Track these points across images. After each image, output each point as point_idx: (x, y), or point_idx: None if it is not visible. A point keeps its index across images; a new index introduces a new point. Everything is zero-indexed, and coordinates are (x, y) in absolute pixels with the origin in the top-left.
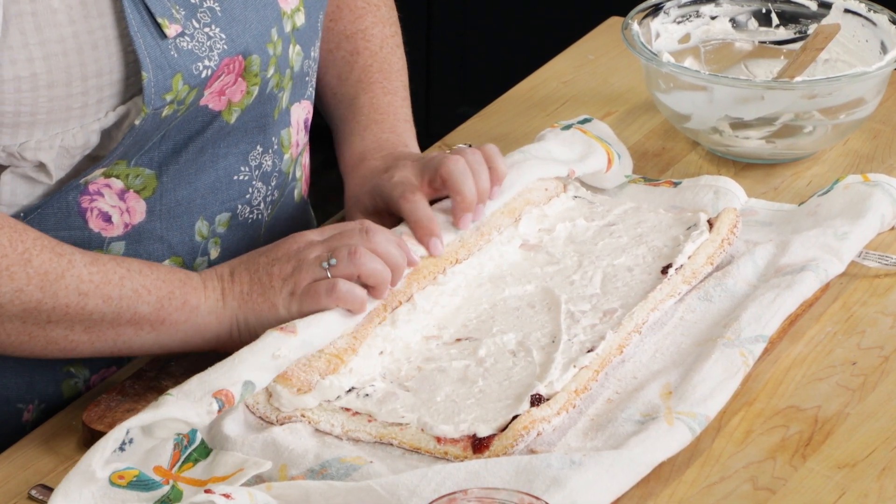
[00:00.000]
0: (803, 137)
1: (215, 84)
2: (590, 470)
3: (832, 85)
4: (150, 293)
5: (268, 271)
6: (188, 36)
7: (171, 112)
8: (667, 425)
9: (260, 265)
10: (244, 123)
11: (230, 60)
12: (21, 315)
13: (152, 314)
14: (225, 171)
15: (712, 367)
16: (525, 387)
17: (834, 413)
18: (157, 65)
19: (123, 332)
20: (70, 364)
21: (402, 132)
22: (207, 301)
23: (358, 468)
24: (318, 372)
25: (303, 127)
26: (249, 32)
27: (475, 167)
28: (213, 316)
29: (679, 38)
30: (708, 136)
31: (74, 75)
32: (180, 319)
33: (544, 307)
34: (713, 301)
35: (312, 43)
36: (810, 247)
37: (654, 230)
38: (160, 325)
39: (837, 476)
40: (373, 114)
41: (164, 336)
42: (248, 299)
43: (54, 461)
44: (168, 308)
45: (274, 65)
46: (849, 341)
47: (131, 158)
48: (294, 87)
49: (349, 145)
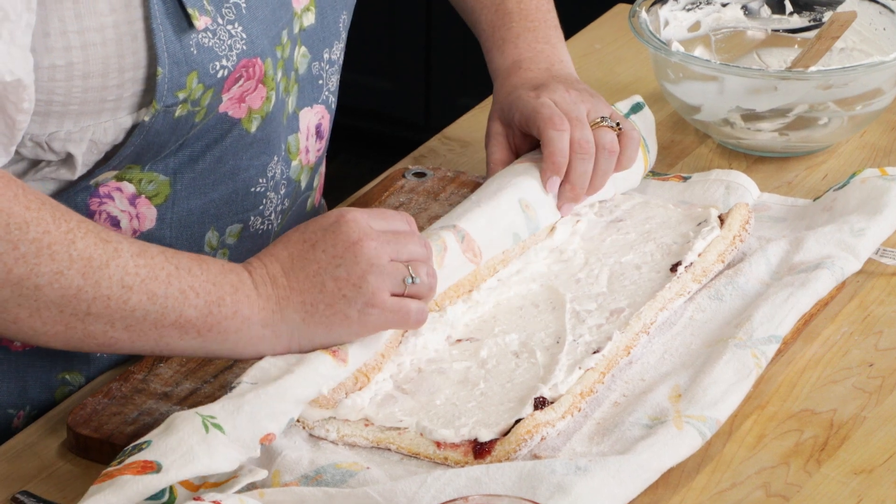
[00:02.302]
0: (818, 130)
1: (234, 89)
2: (596, 476)
3: (848, 75)
4: (199, 296)
5: (333, 275)
6: (211, 32)
7: (184, 113)
8: (676, 429)
9: (320, 266)
10: (267, 134)
11: (248, 62)
12: (59, 302)
13: (199, 320)
14: (244, 183)
15: (723, 368)
16: (528, 389)
17: (850, 417)
18: (175, 60)
19: (167, 333)
20: (66, 371)
21: (555, 42)
22: (262, 312)
23: (354, 474)
24: (346, 390)
25: (314, 133)
26: (266, 34)
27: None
28: (269, 329)
29: (689, 27)
30: (719, 128)
31: (112, 67)
32: (231, 329)
33: (548, 306)
34: (724, 300)
35: (327, 45)
36: (825, 243)
37: (662, 226)
38: (207, 333)
39: (854, 482)
40: (524, 21)
41: (210, 343)
42: (312, 311)
43: (38, 466)
44: (217, 315)
45: (281, 68)
46: (865, 342)
47: (146, 163)
48: (302, 91)
49: (502, 53)
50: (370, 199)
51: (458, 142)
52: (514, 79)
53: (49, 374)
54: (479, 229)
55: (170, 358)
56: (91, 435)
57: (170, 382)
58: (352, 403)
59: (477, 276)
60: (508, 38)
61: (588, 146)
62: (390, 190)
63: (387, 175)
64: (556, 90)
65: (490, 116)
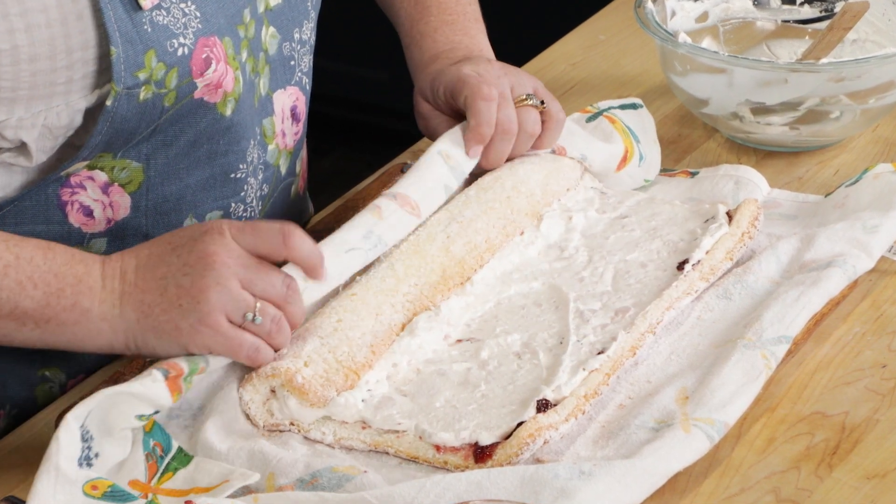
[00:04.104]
0: (830, 123)
1: (209, 74)
2: (600, 481)
3: (861, 67)
4: (37, 287)
5: (177, 282)
6: (164, 10)
7: (150, 96)
8: (683, 433)
9: (169, 270)
10: (246, 118)
11: (206, 41)
12: None
13: (37, 311)
14: (221, 168)
15: (732, 370)
16: (531, 391)
17: (863, 419)
18: (128, 39)
19: (4, 325)
20: (45, 368)
21: (474, 34)
22: (102, 306)
23: (351, 478)
24: (336, 387)
25: (289, 115)
26: (223, 12)
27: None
28: (105, 323)
29: (696, 17)
30: (727, 122)
31: (58, 48)
32: (68, 320)
33: (551, 306)
34: (733, 299)
35: (297, 24)
36: (837, 241)
37: (669, 223)
38: (45, 324)
39: (866, 487)
40: (442, 14)
41: (48, 335)
42: (148, 313)
43: (24, 471)
44: (55, 307)
45: (246, 48)
46: (878, 342)
47: (117, 150)
48: (274, 72)
49: (420, 47)
50: (367, 196)
51: None
52: (434, 67)
53: (28, 370)
54: (407, 185)
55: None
56: None
57: None
58: (344, 402)
59: (464, 266)
60: (426, 31)
61: (511, 126)
62: (388, 185)
63: (384, 170)
64: (479, 62)
65: (415, 102)
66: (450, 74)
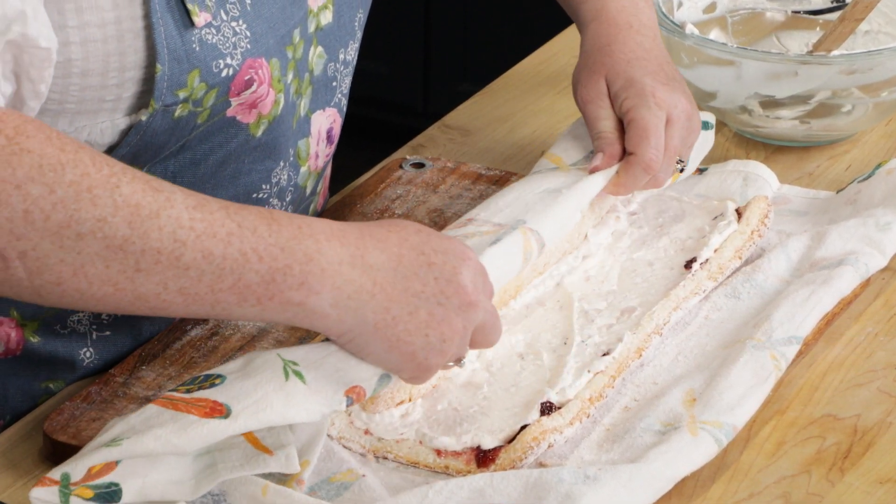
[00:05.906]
0: (841, 117)
1: (246, 94)
2: (606, 485)
3: (873, 59)
4: (262, 261)
5: (429, 309)
6: (215, 28)
7: (185, 113)
8: (690, 436)
9: (425, 291)
10: (273, 139)
11: (253, 62)
12: (104, 254)
13: (261, 287)
14: (245, 188)
15: (740, 371)
16: (534, 394)
17: (875, 422)
18: (175, 57)
19: (223, 298)
20: (49, 380)
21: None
22: (335, 293)
23: (349, 486)
24: (386, 404)
25: (325, 137)
26: (273, 32)
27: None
28: (335, 311)
29: (704, 8)
30: (736, 115)
31: (112, 65)
32: (293, 300)
33: (555, 305)
34: (742, 299)
35: (343, 45)
36: (849, 238)
37: (676, 220)
38: (268, 301)
39: (879, 492)
40: None
41: (269, 313)
42: (392, 324)
43: (13, 476)
44: (281, 284)
45: (293, 69)
46: (892, 343)
47: (144, 164)
48: (316, 93)
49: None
50: (365, 191)
51: (459, 130)
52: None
53: (31, 382)
54: (549, 234)
55: (153, 360)
56: (68, 441)
57: (153, 386)
58: (380, 419)
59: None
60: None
61: (654, 182)
62: (387, 181)
63: (383, 165)
64: (674, 101)
65: (586, 70)
66: (642, 100)
